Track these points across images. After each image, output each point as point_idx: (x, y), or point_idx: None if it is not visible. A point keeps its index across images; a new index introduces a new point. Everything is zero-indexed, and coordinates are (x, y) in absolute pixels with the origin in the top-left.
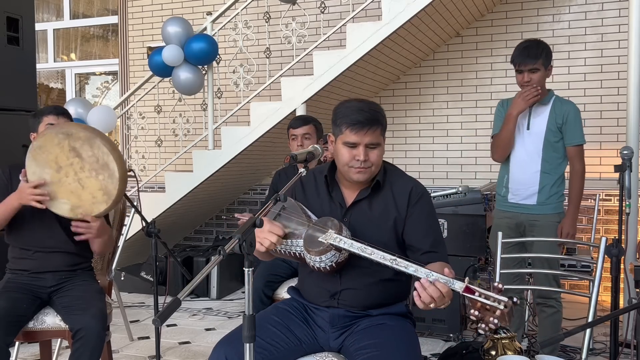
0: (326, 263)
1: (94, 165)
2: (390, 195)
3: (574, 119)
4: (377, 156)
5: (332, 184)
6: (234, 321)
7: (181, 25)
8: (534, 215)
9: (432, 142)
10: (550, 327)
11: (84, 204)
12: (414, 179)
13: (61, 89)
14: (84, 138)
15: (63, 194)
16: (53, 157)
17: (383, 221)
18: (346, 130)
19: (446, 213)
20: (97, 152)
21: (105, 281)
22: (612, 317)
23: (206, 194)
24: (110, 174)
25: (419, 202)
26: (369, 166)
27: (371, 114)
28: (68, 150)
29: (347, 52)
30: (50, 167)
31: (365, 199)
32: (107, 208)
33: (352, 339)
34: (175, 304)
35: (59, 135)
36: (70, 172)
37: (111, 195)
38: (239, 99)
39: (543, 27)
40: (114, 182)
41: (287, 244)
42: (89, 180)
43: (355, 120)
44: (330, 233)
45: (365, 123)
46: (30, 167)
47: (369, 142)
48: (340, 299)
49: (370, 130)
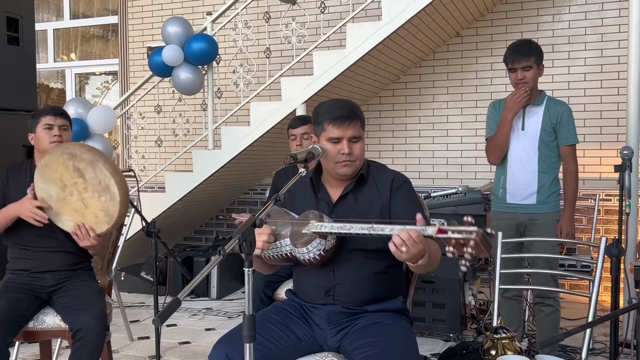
0: (314, 253)
1: (96, 187)
2: (374, 186)
3: (567, 119)
4: (360, 149)
5: (318, 185)
6: (234, 321)
7: (181, 25)
8: (534, 215)
9: (432, 142)
10: (549, 326)
11: (87, 222)
12: (396, 171)
13: (61, 89)
14: (87, 160)
15: (68, 212)
16: (58, 176)
17: (369, 212)
18: (329, 126)
19: (446, 213)
20: (99, 174)
21: (105, 281)
22: (612, 317)
23: (206, 194)
24: (112, 196)
25: (400, 189)
26: (353, 159)
27: (350, 109)
28: (72, 170)
29: (347, 52)
30: (56, 184)
31: (351, 193)
32: (108, 228)
33: (349, 339)
34: (175, 304)
35: (64, 155)
36: (74, 191)
37: (112, 217)
38: (239, 99)
39: (543, 27)
40: (115, 205)
41: (276, 246)
42: (92, 201)
43: (336, 115)
44: (312, 223)
45: (347, 117)
46: (38, 183)
47: (352, 135)
48: (335, 295)
49: (351, 124)
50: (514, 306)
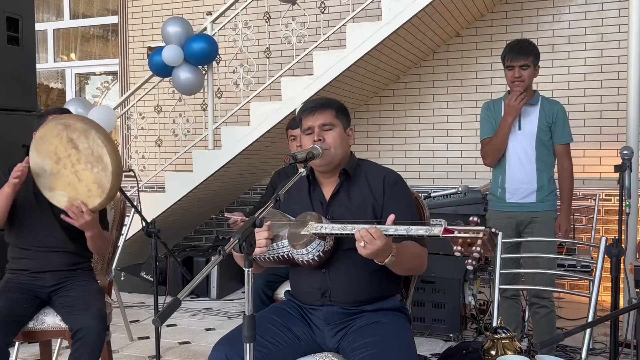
0: (313, 254)
1: (89, 157)
2: (366, 184)
3: (562, 118)
4: (333, 138)
5: (314, 184)
6: (234, 321)
7: (181, 25)
8: (535, 213)
9: (432, 142)
10: (546, 327)
11: (80, 196)
12: (388, 168)
13: (61, 89)
14: (80, 129)
15: (61, 186)
16: (53, 148)
17: (362, 209)
18: (302, 120)
19: (446, 213)
20: (92, 144)
21: (105, 281)
22: (612, 317)
23: (206, 194)
24: (104, 167)
25: (393, 187)
26: (327, 147)
27: (322, 101)
28: (66, 142)
29: (347, 52)
30: (50, 158)
31: (343, 190)
32: (101, 202)
33: (348, 339)
34: (175, 304)
35: (58, 125)
36: (68, 163)
37: (105, 189)
38: (239, 99)
39: (543, 27)
40: (107, 176)
41: (274, 247)
42: (85, 173)
43: (305, 107)
44: (311, 224)
45: (316, 107)
46: (33, 157)
47: (322, 122)
48: (332, 296)
49: (320, 112)
50: (513, 306)
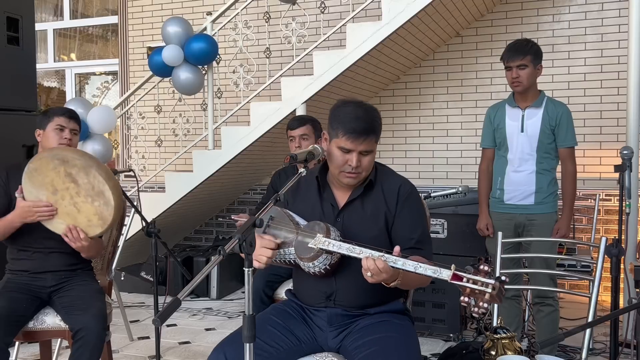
0: (320, 267)
1: (89, 191)
2: (381, 193)
3: (566, 121)
4: (369, 162)
5: (324, 185)
6: (234, 321)
7: (181, 25)
8: (533, 215)
9: (432, 142)
10: (549, 326)
11: (79, 225)
12: (403, 177)
13: (61, 89)
14: (79, 166)
15: (59, 215)
16: (49, 180)
17: (375, 219)
18: (342, 137)
19: (446, 213)
20: (92, 180)
21: (105, 281)
22: (612, 317)
23: (206, 194)
24: (106, 201)
25: (407, 200)
26: (359, 172)
27: (369, 124)
28: (64, 176)
29: (347, 52)
30: (47, 189)
31: (358, 198)
32: (102, 231)
33: (350, 339)
34: (175, 304)
35: (54, 160)
36: (66, 195)
37: (106, 221)
38: (239, 99)
39: (543, 27)
40: (109, 210)
41: (280, 253)
42: (85, 205)
43: (351, 129)
44: (319, 237)
45: (362, 133)
46: (26, 186)
47: (363, 149)
48: (337, 300)
49: (366, 140)
50: (513, 306)
